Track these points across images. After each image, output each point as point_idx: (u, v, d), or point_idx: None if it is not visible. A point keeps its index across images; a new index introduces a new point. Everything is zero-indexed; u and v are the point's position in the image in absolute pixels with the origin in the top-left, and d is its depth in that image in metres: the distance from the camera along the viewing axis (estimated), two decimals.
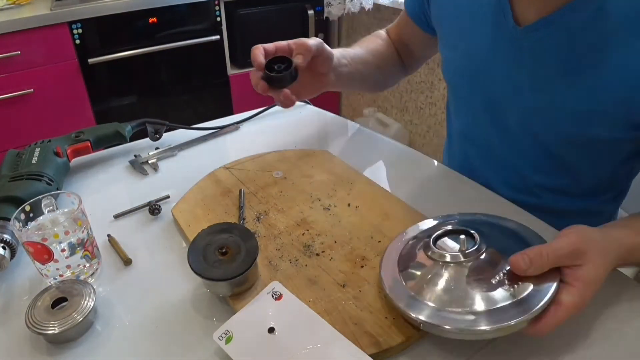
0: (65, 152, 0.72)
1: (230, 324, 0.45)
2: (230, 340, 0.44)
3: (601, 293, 0.51)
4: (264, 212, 0.63)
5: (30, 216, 0.54)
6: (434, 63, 2.02)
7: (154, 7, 1.81)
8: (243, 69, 2.13)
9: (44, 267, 0.52)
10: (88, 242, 0.54)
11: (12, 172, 0.65)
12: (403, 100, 2.22)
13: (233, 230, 0.53)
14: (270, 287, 0.49)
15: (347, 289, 0.50)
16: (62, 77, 1.77)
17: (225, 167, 0.73)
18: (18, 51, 1.63)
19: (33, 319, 0.46)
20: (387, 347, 0.44)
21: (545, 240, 0.49)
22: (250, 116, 0.91)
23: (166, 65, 1.97)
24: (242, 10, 1.98)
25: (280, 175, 0.71)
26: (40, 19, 1.62)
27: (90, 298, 0.49)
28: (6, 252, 0.54)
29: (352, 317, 0.47)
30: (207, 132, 0.86)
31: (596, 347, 0.45)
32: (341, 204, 0.64)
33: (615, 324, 0.47)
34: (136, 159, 0.78)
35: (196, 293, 0.52)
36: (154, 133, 0.81)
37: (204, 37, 1.95)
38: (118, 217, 0.65)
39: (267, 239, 0.58)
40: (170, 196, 0.68)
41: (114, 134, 0.77)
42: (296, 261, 0.54)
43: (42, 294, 0.49)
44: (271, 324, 0.45)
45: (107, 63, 1.82)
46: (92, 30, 1.74)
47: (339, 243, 0.57)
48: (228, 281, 0.48)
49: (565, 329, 0.47)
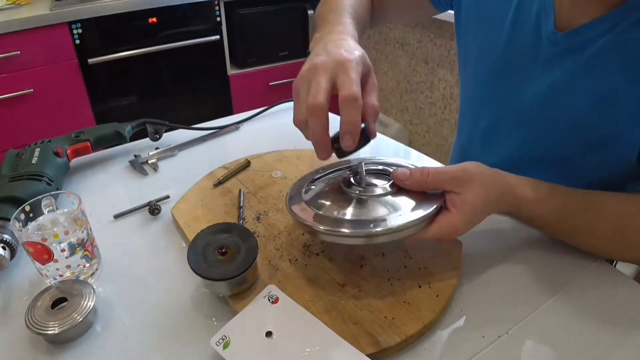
0: (65, 152, 0.72)
1: (227, 329, 0.45)
2: (227, 345, 0.44)
3: (601, 293, 0.51)
4: (264, 212, 0.63)
5: (30, 216, 0.54)
6: (433, 63, 2.02)
7: (154, 7, 1.81)
8: (243, 69, 2.13)
9: (44, 267, 0.52)
10: (88, 242, 0.54)
11: (12, 172, 0.65)
12: (403, 100, 2.22)
13: (233, 230, 0.53)
14: (266, 290, 0.49)
15: (346, 288, 0.51)
16: (62, 77, 1.77)
17: (225, 167, 0.73)
18: (18, 51, 1.63)
19: (33, 319, 0.46)
20: (387, 346, 0.44)
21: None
22: (250, 116, 0.91)
23: (166, 65, 1.97)
24: (242, 10, 1.98)
25: (279, 175, 0.71)
26: (40, 19, 1.63)
27: (90, 298, 0.49)
28: (6, 252, 0.54)
29: (351, 317, 0.47)
30: (207, 132, 0.86)
31: (596, 347, 0.45)
32: None
33: (615, 323, 0.47)
34: (136, 159, 0.78)
35: (196, 293, 0.53)
36: (154, 133, 0.81)
37: (204, 37, 1.95)
38: (118, 217, 0.65)
39: (267, 238, 0.58)
40: (170, 196, 0.68)
41: (114, 134, 0.77)
42: (296, 261, 0.54)
43: (42, 294, 0.49)
44: (268, 327, 0.45)
45: (107, 63, 1.82)
46: (92, 31, 1.75)
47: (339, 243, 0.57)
48: (228, 281, 0.48)
49: (566, 328, 0.47)
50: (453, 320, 0.48)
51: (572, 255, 0.56)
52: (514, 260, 0.54)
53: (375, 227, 0.46)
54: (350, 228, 0.47)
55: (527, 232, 0.59)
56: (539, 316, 0.48)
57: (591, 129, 0.57)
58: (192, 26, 1.93)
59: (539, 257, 0.55)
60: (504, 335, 0.46)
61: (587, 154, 0.60)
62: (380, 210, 0.49)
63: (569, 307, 0.49)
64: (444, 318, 0.48)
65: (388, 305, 0.48)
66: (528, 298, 0.50)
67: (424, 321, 0.46)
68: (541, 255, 0.56)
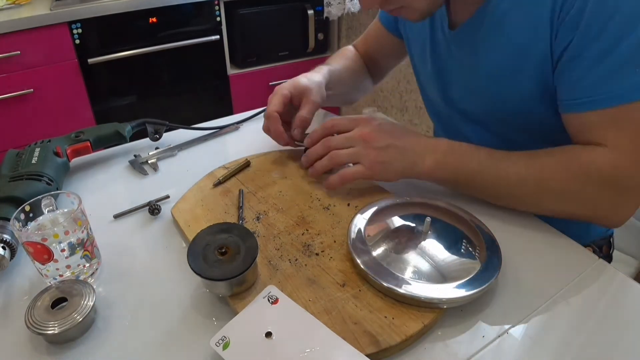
0: (65, 152, 0.72)
1: (227, 329, 0.45)
2: (227, 346, 0.44)
3: (601, 293, 0.51)
4: (264, 212, 0.63)
5: (30, 216, 0.54)
6: None
7: (154, 7, 1.81)
8: (243, 69, 2.13)
9: (44, 267, 0.52)
10: (88, 242, 0.54)
11: (12, 172, 0.65)
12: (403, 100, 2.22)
13: (232, 230, 0.53)
14: (266, 291, 0.49)
15: (346, 288, 0.51)
16: (62, 77, 1.77)
17: (225, 167, 0.73)
18: (18, 51, 1.63)
19: (33, 319, 0.46)
20: (387, 346, 0.44)
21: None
22: (250, 116, 0.91)
23: (166, 65, 1.97)
24: (242, 10, 1.98)
25: (279, 175, 0.71)
26: (40, 19, 1.63)
27: (90, 298, 0.49)
28: (6, 252, 0.54)
29: (351, 317, 0.47)
30: (207, 132, 0.86)
31: (596, 347, 0.45)
32: (341, 203, 0.64)
33: (615, 323, 0.47)
34: (136, 159, 0.78)
35: (196, 293, 0.53)
36: (154, 133, 0.81)
37: (204, 37, 1.95)
38: (118, 217, 0.65)
39: (267, 238, 0.58)
40: (170, 196, 0.68)
41: (113, 134, 0.77)
42: (296, 261, 0.54)
43: (42, 294, 0.49)
44: (268, 328, 0.45)
45: (107, 63, 1.82)
46: (91, 30, 1.74)
47: (339, 242, 0.57)
48: (228, 281, 0.48)
49: (565, 329, 0.47)
50: (453, 320, 0.48)
51: (572, 255, 0.56)
52: (514, 261, 0.54)
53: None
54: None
55: (526, 233, 0.59)
56: (538, 316, 0.48)
57: (502, 101, 0.67)
58: (192, 26, 1.93)
59: (538, 258, 0.55)
60: (503, 335, 0.46)
61: (525, 124, 0.68)
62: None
63: (569, 307, 0.49)
64: (444, 318, 0.48)
65: (388, 305, 0.48)
66: (527, 298, 0.50)
67: (424, 321, 0.46)
68: (541, 256, 0.56)
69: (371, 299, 0.49)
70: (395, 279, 0.49)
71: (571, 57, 0.56)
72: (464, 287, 0.48)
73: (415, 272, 0.50)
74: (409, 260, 0.51)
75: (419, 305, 0.47)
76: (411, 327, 0.45)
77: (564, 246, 0.57)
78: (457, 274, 0.49)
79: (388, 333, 0.45)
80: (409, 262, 0.51)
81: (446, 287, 0.48)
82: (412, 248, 0.53)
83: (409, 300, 0.47)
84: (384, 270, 0.50)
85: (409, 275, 0.49)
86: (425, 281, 0.48)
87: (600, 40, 0.53)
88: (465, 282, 0.48)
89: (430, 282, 0.48)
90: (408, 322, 0.46)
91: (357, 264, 0.51)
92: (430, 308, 0.47)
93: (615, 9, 0.52)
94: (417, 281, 0.48)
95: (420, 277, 0.49)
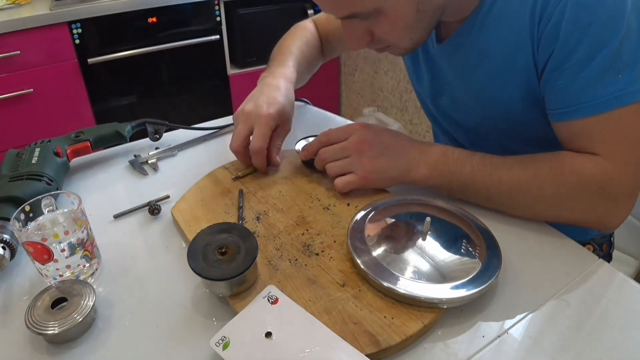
0: (65, 152, 0.72)
1: (227, 329, 0.45)
2: (227, 346, 0.44)
3: (601, 293, 0.51)
4: (264, 212, 0.63)
5: (30, 216, 0.54)
6: None
7: (154, 7, 1.81)
8: (243, 68, 2.13)
9: (44, 267, 0.52)
10: (88, 242, 0.54)
11: (12, 172, 0.65)
12: (403, 100, 2.22)
13: (233, 230, 0.53)
14: (266, 291, 0.49)
15: (346, 288, 0.51)
16: (62, 77, 1.77)
17: (225, 167, 0.73)
18: (18, 51, 1.63)
19: (33, 319, 0.46)
20: (387, 346, 0.44)
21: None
22: None
23: (166, 65, 1.97)
24: (242, 10, 1.98)
25: (279, 175, 0.71)
26: (39, 18, 1.62)
27: (90, 298, 0.49)
28: (6, 252, 0.54)
29: (351, 317, 0.47)
30: (207, 132, 0.86)
31: (596, 347, 0.45)
32: (341, 203, 0.64)
33: (615, 323, 0.47)
34: (136, 159, 0.78)
35: (196, 293, 0.53)
36: (154, 133, 0.81)
37: (204, 37, 1.95)
38: (118, 217, 0.65)
39: (267, 238, 0.58)
40: (170, 196, 0.68)
41: (113, 134, 0.77)
42: (296, 261, 0.54)
43: (42, 294, 0.49)
44: (268, 328, 0.45)
45: (106, 63, 1.82)
46: (91, 30, 1.74)
47: (339, 242, 0.57)
48: (228, 281, 0.48)
49: (565, 329, 0.47)
50: (453, 320, 0.48)
51: (571, 255, 0.56)
52: (514, 261, 0.54)
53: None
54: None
55: (526, 233, 0.59)
56: (538, 316, 0.48)
57: (493, 103, 0.67)
58: (192, 26, 1.93)
59: (538, 258, 0.55)
60: (503, 335, 0.46)
61: (516, 130, 0.69)
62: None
63: (569, 307, 0.49)
64: (444, 318, 0.48)
65: (388, 305, 0.48)
66: (527, 298, 0.50)
67: (423, 321, 0.46)
68: (540, 256, 0.56)
69: (371, 299, 0.49)
70: (395, 279, 0.49)
71: (554, 68, 0.56)
72: (463, 287, 0.48)
73: (415, 272, 0.50)
74: (409, 260, 0.51)
75: (419, 305, 0.47)
76: (411, 327, 0.46)
77: (564, 246, 0.57)
78: (457, 273, 0.49)
79: (388, 333, 0.45)
80: (409, 262, 0.51)
81: (446, 287, 0.48)
82: (412, 248, 0.53)
83: (409, 300, 0.47)
84: (384, 270, 0.50)
85: (408, 275, 0.49)
86: (425, 281, 0.48)
87: (580, 49, 0.53)
88: (465, 282, 0.48)
89: (430, 282, 0.48)
90: (408, 322, 0.46)
91: (357, 264, 0.51)
92: (430, 308, 0.47)
93: (592, 17, 0.52)
94: (417, 281, 0.48)
95: (420, 277, 0.49)
